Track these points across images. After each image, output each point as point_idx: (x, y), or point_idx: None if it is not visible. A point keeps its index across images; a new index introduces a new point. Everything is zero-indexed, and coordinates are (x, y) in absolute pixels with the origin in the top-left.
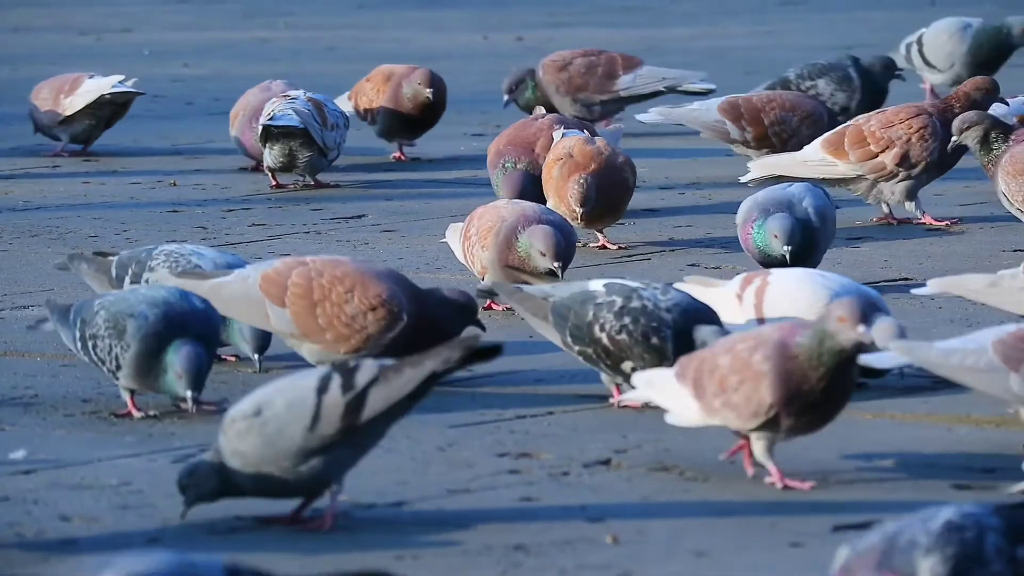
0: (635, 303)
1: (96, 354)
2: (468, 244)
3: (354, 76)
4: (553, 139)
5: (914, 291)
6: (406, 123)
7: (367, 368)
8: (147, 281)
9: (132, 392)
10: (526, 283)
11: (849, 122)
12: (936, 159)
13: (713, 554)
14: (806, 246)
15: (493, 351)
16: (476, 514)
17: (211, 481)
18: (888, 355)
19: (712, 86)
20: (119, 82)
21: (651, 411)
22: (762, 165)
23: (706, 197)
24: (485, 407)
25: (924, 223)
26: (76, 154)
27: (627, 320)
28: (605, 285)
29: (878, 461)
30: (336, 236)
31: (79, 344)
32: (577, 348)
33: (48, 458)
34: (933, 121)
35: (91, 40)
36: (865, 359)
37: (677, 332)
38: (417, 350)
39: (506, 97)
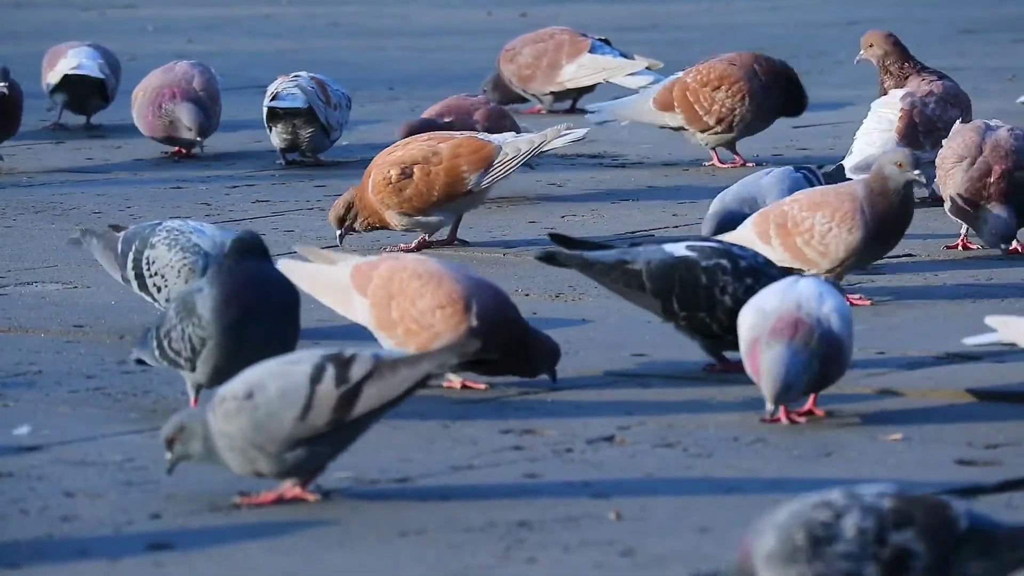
0: (743, 263)
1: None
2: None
3: (358, 52)
4: (490, 114)
5: (966, 340)
6: None
7: (362, 361)
8: (148, 258)
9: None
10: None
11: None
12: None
13: (716, 530)
14: None
15: (488, 360)
16: (480, 490)
17: (197, 445)
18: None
19: (649, 79)
20: (79, 64)
21: (654, 388)
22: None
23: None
24: (488, 384)
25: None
26: (79, 129)
27: (749, 280)
28: (690, 247)
29: (881, 437)
30: None
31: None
32: (684, 314)
33: (52, 434)
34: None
35: (94, 16)
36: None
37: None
38: (486, 364)
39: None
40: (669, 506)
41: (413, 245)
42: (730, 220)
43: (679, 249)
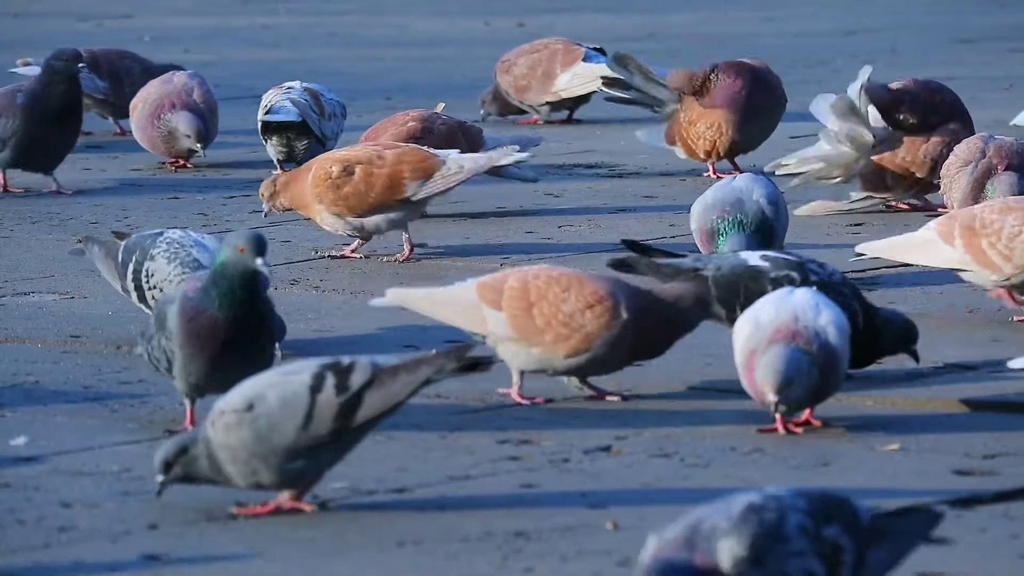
0: (813, 277)
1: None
2: None
3: (355, 61)
4: (411, 128)
5: (1011, 363)
6: None
7: (361, 369)
8: (148, 271)
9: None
10: None
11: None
12: None
13: None
14: (765, 239)
15: (486, 363)
16: (477, 500)
17: (202, 464)
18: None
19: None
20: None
21: (651, 398)
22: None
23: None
24: (485, 394)
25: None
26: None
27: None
28: (764, 257)
29: (878, 447)
30: None
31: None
32: None
33: (49, 445)
34: None
35: (91, 26)
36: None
37: (861, 304)
38: (644, 350)
39: (482, 112)
40: (666, 516)
41: (348, 251)
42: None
43: (752, 258)
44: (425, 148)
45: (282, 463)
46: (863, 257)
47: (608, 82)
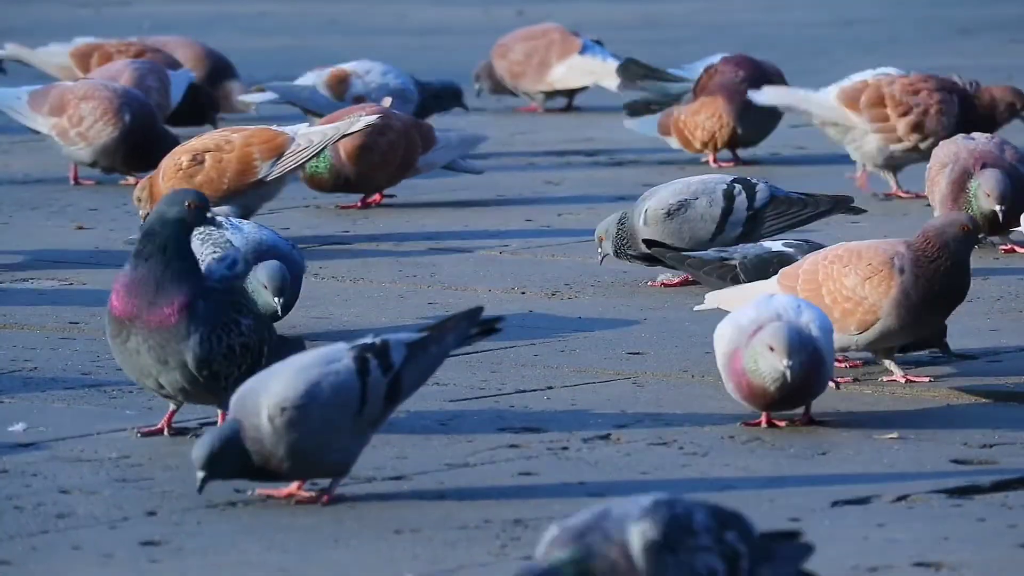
0: None
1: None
2: None
3: (354, 49)
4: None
5: None
6: None
7: (397, 346)
8: None
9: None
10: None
11: (867, 78)
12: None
13: None
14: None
15: (496, 322)
16: (475, 489)
17: (236, 462)
18: None
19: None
20: None
21: (650, 386)
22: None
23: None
24: (484, 382)
25: (895, 195)
26: None
27: None
28: (787, 244)
29: (877, 436)
30: (335, 211)
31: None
32: None
33: (47, 431)
34: (952, 98)
35: (90, 12)
36: None
37: None
38: (939, 301)
39: (476, 86)
40: None
41: None
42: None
43: (776, 245)
44: (274, 127)
45: (335, 451)
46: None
47: (624, 83)
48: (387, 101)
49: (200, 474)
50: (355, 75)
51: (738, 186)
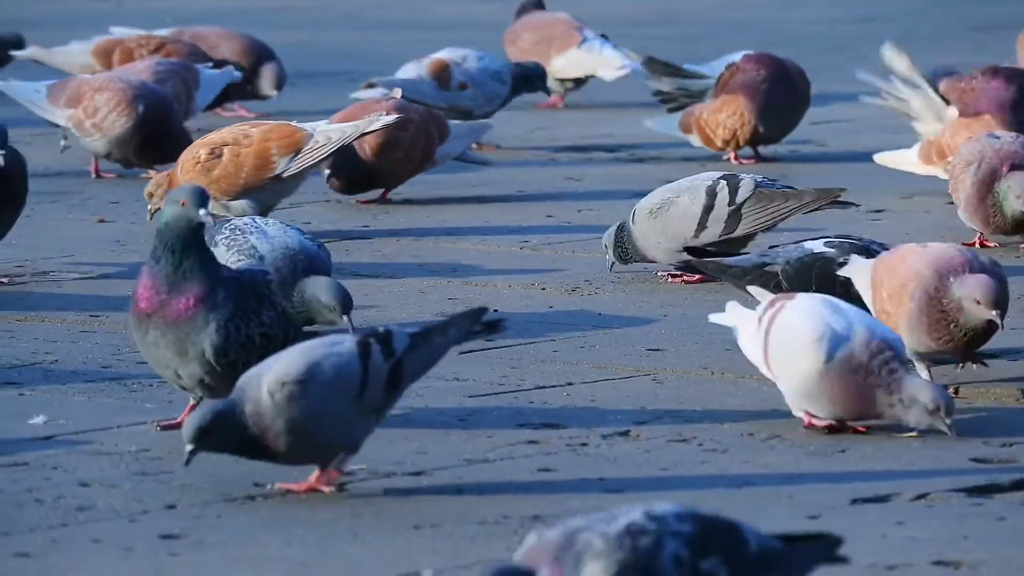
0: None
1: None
2: None
3: (372, 44)
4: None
5: None
6: None
7: (400, 335)
8: None
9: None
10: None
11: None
12: None
13: None
14: None
15: (499, 323)
16: (494, 484)
17: (229, 436)
18: None
19: (627, 69)
20: None
21: (670, 383)
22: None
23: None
24: (504, 378)
25: None
26: None
27: None
28: (828, 244)
29: (897, 434)
30: (355, 206)
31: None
32: None
33: (67, 424)
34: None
35: (111, 6)
36: None
37: None
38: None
39: None
40: (683, 501)
41: None
42: None
43: (817, 246)
44: (293, 123)
45: (335, 433)
46: None
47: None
48: (398, 92)
49: (188, 447)
50: (453, 63)
51: (722, 182)
